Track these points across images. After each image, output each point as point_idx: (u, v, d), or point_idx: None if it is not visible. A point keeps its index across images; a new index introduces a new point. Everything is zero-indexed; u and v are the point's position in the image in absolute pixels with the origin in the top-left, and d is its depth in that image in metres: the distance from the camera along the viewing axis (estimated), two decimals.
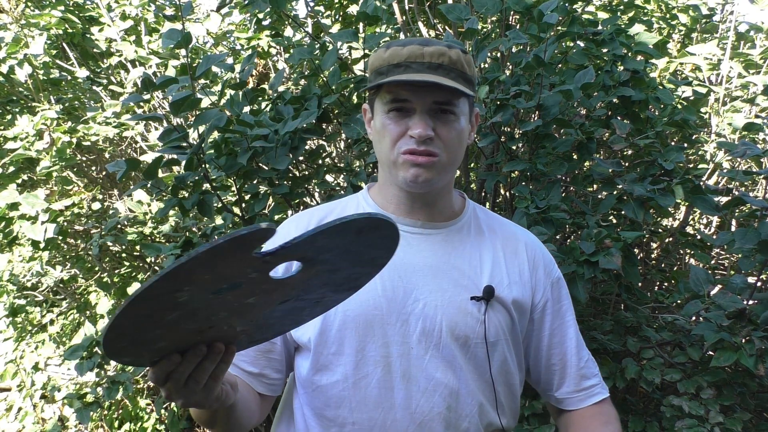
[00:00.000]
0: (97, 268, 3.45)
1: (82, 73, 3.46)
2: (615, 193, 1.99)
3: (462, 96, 1.02)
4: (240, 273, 0.65)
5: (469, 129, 1.08)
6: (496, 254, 1.11)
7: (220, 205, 2.23)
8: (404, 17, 2.80)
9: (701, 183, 2.23)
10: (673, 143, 2.60)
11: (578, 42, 2.30)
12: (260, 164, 2.16)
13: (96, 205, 3.34)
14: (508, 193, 2.32)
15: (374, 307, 1.03)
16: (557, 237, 2.32)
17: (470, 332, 1.03)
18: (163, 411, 3.29)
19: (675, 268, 2.75)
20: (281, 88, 2.71)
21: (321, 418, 1.05)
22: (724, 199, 2.39)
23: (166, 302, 0.64)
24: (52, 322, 3.61)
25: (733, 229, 2.71)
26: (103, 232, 2.80)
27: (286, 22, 3.13)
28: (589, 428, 1.12)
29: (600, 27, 2.21)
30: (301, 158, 2.39)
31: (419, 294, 1.04)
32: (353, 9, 3.46)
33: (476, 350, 1.04)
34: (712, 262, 2.81)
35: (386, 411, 1.01)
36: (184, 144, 1.99)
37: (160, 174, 2.46)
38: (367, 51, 2.40)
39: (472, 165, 2.87)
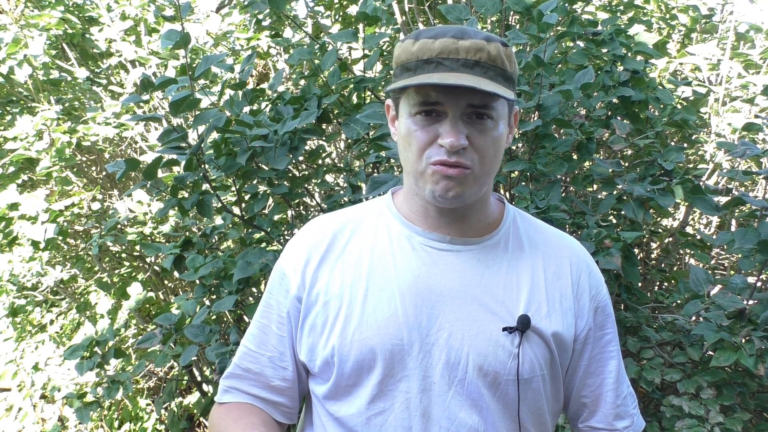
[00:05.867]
0: (97, 268, 3.45)
1: (81, 73, 3.46)
2: (615, 193, 1.99)
3: (501, 98, 0.88)
4: None
5: (507, 133, 0.94)
6: (535, 275, 0.96)
7: (219, 205, 2.23)
8: (404, 17, 2.80)
9: (701, 183, 2.23)
10: (673, 143, 2.60)
11: (578, 42, 2.30)
12: (260, 164, 2.16)
13: (96, 205, 3.34)
14: (508, 193, 2.31)
15: (394, 335, 0.91)
16: None
17: (501, 368, 0.91)
18: (163, 411, 3.29)
19: (675, 268, 2.75)
20: (281, 89, 2.71)
21: None
22: (724, 199, 2.39)
23: None
24: (51, 322, 3.61)
25: (733, 229, 2.71)
26: (103, 232, 2.80)
27: (286, 23, 3.13)
28: None
29: (600, 27, 2.21)
30: (300, 158, 2.39)
31: (444, 321, 0.92)
32: (353, 9, 3.46)
33: (507, 388, 0.92)
34: (712, 262, 2.81)
35: None
36: (184, 144, 1.99)
37: (160, 174, 2.47)
38: (366, 51, 2.40)
39: None
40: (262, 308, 1.04)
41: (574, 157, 2.14)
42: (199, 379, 3.18)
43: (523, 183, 2.09)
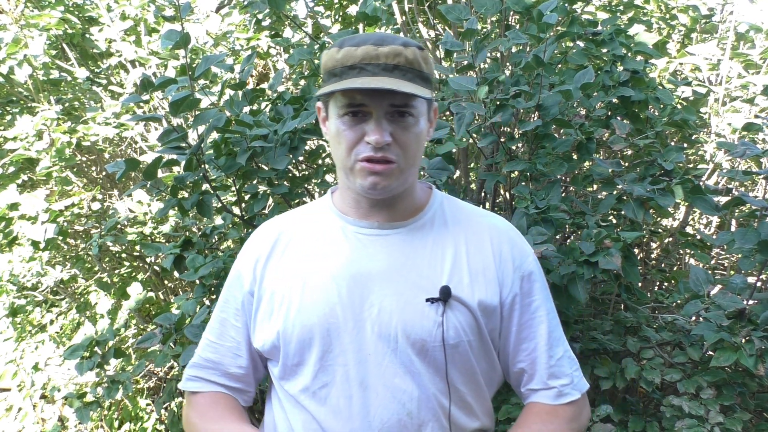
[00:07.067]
0: (97, 268, 3.45)
1: (81, 73, 3.47)
2: (615, 193, 1.99)
3: (420, 97, 0.98)
4: None
5: (427, 127, 1.05)
6: (458, 250, 1.06)
7: (219, 205, 2.23)
8: (404, 17, 2.80)
9: (701, 183, 2.23)
10: (673, 143, 2.60)
11: (578, 42, 2.30)
12: (260, 164, 2.16)
13: (96, 205, 3.34)
14: (507, 194, 2.31)
15: (331, 315, 1.02)
16: (557, 237, 2.32)
17: (427, 336, 1.00)
18: (163, 411, 3.29)
19: (675, 268, 2.75)
20: (281, 89, 2.71)
21: (293, 420, 1.06)
22: (724, 199, 2.39)
23: None
24: (52, 322, 3.61)
25: (733, 229, 2.71)
26: (103, 232, 2.80)
27: (286, 23, 3.13)
28: (526, 421, 1.08)
29: (600, 27, 2.21)
30: (300, 158, 2.39)
31: (375, 299, 1.02)
32: (353, 9, 3.46)
33: (435, 354, 1.01)
34: (712, 262, 2.81)
35: (345, 420, 1.01)
36: (184, 144, 1.99)
37: (160, 174, 2.46)
38: None
39: (472, 165, 2.87)
40: (222, 303, 1.16)
41: (574, 157, 2.14)
42: None
43: (523, 183, 2.09)
